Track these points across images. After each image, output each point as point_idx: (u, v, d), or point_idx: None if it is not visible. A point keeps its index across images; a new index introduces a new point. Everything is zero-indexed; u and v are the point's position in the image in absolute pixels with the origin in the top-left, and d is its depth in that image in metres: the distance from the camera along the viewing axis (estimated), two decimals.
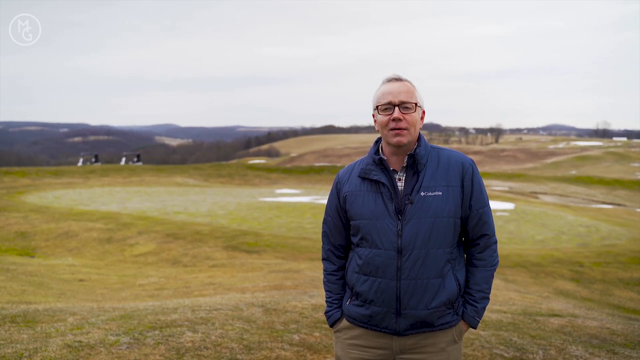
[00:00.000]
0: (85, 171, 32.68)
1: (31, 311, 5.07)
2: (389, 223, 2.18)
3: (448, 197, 2.18)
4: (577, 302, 9.40)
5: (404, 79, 2.26)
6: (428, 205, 2.16)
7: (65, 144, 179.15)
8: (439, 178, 2.21)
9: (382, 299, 2.20)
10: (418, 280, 2.16)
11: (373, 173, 2.25)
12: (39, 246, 14.86)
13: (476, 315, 2.27)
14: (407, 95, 2.21)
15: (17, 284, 9.22)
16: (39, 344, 3.73)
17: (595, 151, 76.03)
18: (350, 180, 2.33)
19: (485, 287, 2.27)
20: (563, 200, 29.45)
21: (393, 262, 2.17)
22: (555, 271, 12.37)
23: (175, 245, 13.93)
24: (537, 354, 3.89)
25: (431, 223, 2.15)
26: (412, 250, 2.16)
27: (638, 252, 14.46)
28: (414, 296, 2.17)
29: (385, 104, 2.21)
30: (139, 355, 3.58)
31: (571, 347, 4.14)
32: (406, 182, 2.22)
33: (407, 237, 2.16)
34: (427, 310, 2.17)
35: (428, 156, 2.25)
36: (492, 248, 2.30)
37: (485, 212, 2.27)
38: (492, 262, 2.29)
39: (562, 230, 17.50)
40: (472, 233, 2.28)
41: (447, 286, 2.19)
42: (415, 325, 2.20)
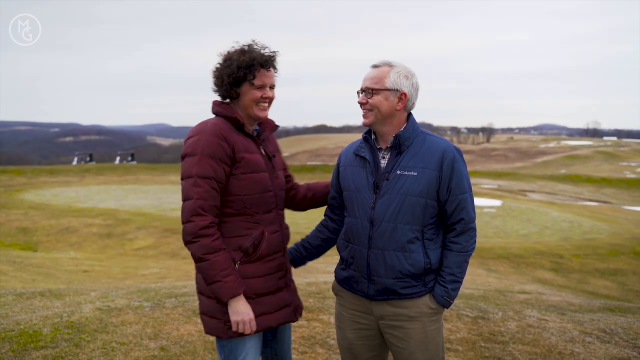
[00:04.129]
0: (80, 170, 33.04)
1: (54, 289, 5.66)
2: (366, 195, 2.39)
3: (422, 178, 2.31)
4: (553, 288, 10.06)
5: (383, 64, 2.41)
6: (401, 184, 2.32)
7: (56, 144, 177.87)
8: (417, 160, 2.35)
9: (356, 264, 2.43)
10: (384, 250, 2.34)
11: (362, 150, 2.46)
12: (40, 241, 15.34)
13: (446, 296, 2.37)
14: (371, 82, 2.38)
15: (26, 274, 9.77)
16: (73, 308, 4.36)
17: (585, 150, 76.75)
18: (347, 155, 2.57)
19: (457, 271, 2.37)
20: (550, 198, 30.12)
21: (366, 232, 2.38)
22: (535, 262, 13.04)
23: (174, 240, 14.49)
24: (497, 314, 4.55)
25: (401, 200, 2.32)
26: (382, 222, 2.34)
27: (617, 245, 15.13)
28: (381, 265, 2.35)
29: (359, 90, 2.43)
30: (161, 314, 4.24)
31: (527, 310, 4.81)
32: (389, 160, 2.40)
33: (379, 210, 2.35)
34: (391, 279, 2.34)
35: (414, 139, 2.40)
36: (469, 234, 2.39)
37: (464, 198, 2.36)
38: (466, 248, 2.38)
39: (546, 225, 18.14)
40: (451, 217, 2.37)
41: (412, 260, 2.33)
42: (382, 292, 2.37)
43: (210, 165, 2.25)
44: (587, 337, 4.12)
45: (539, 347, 3.89)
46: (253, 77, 2.36)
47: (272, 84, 2.43)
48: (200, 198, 2.24)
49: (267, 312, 2.40)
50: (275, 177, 2.47)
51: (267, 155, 2.49)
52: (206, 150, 2.26)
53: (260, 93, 2.39)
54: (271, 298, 2.42)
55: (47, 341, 3.65)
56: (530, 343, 3.96)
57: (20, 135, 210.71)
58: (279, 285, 2.46)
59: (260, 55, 2.38)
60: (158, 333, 3.88)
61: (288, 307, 2.48)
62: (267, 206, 2.41)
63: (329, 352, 3.75)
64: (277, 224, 2.46)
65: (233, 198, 2.33)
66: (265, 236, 2.39)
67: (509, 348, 3.87)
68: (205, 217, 2.23)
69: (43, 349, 3.53)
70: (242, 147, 2.35)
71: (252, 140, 2.44)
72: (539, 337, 4.07)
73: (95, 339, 3.73)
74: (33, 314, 4.23)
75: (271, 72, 2.42)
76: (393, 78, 2.37)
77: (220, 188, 2.29)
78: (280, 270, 2.47)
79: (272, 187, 2.44)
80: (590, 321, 4.55)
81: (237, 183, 2.32)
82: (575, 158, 69.13)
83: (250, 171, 2.35)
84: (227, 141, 2.29)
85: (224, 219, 2.34)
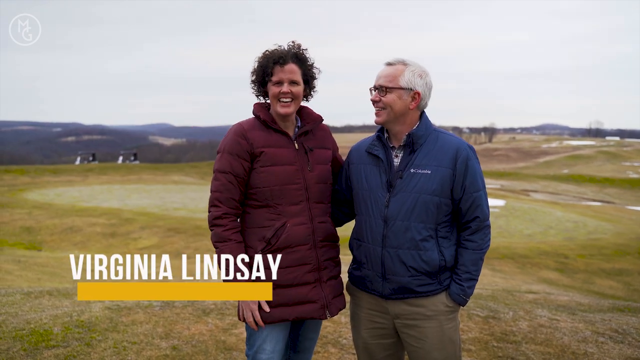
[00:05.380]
0: (83, 169, 33.08)
1: (62, 288, 5.64)
2: (379, 194, 2.38)
3: (436, 176, 2.30)
4: (559, 288, 10.04)
5: (396, 62, 2.39)
6: (415, 182, 2.31)
7: (58, 144, 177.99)
8: (431, 158, 2.33)
9: (370, 263, 2.41)
10: (399, 249, 2.33)
11: (375, 148, 2.44)
12: (44, 240, 15.35)
13: (462, 294, 2.36)
14: (385, 79, 2.36)
15: (31, 273, 9.76)
16: (82, 307, 4.35)
17: (587, 150, 76.67)
18: (359, 153, 2.53)
19: (473, 269, 2.36)
20: (553, 198, 30.10)
21: (379, 230, 2.36)
22: (540, 262, 13.02)
23: (177, 239, 14.49)
24: (508, 314, 4.53)
25: (415, 198, 2.30)
26: (396, 220, 2.33)
27: (622, 246, 15.11)
28: (395, 263, 2.34)
29: (372, 87, 2.42)
30: (171, 314, 4.22)
31: (538, 310, 4.79)
32: (402, 158, 2.38)
33: (393, 208, 2.34)
34: (406, 277, 2.33)
35: (427, 137, 2.38)
36: (483, 232, 2.37)
37: (479, 196, 2.34)
38: (482, 246, 2.37)
39: (550, 225, 18.13)
40: (465, 215, 2.36)
41: (427, 258, 2.31)
42: (398, 290, 2.36)
43: (228, 161, 2.40)
44: (599, 337, 4.09)
45: (552, 347, 3.87)
46: (270, 74, 2.42)
47: (291, 80, 2.42)
48: (217, 191, 2.42)
49: (285, 304, 2.39)
50: (309, 170, 2.47)
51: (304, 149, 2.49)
52: (227, 147, 2.43)
53: (278, 89, 2.42)
54: (291, 291, 2.40)
55: (58, 340, 3.64)
56: (542, 343, 3.94)
57: (22, 135, 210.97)
58: (306, 280, 2.43)
59: (277, 53, 2.42)
60: (169, 332, 3.87)
61: (313, 303, 2.44)
62: (292, 198, 2.42)
63: (341, 351, 3.73)
64: (305, 216, 2.44)
65: (255, 190, 2.42)
66: (287, 227, 2.40)
67: (522, 348, 3.84)
68: (220, 209, 2.40)
69: (54, 348, 3.52)
70: (264, 143, 2.42)
71: (285, 135, 2.47)
72: (551, 337, 4.04)
73: (107, 338, 3.72)
74: (42, 313, 4.22)
75: (290, 68, 2.42)
76: (407, 77, 2.35)
77: (239, 182, 2.41)
78: (307, 264, 2.43)
79: (301, 180, 2.44)
80: (601, 321, 4.53)
81: (257, 176, 2.41)
82: (578, 158, 69.04)
83: (270, 164, 2.40)
84: (246, 138, 2.41)
85: (249, 210, 2.46)
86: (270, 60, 2.41)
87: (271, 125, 2.45)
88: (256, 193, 2.42)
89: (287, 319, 2.40)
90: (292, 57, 2.44)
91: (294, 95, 2.43)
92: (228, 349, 3.67)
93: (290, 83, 2.42)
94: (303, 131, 2.52)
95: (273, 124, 2.46)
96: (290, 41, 2.48)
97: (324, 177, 2.53)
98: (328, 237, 2.52)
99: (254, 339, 2.43)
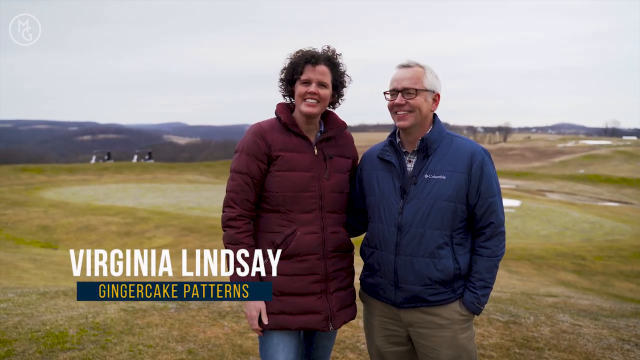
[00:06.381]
0: (98, 168, 33.33)
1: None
2: (393, 201, 2.32)
3: (451, 182, 2.25)
4: (577, 291, 9.88)
5: (414, 64, 2.33)
6: (430, 188, 2.26)
7: (74, 142, 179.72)
8: (445, 163, 2.28)
9: (382, 271, 2.36)
10: (413, 257, 2.27)
11: (387, 154, 2.39)
12: (60, 239, 15.46)
13: (476, 302, 2.30)
14: (410, 82, 2.29)
15: (47, 272, 9.83)
16: (97, 309, 4.33)
17: (604, 150, 75.77)
18: (370, 159, 2.48)
19: (487, 277, 2.30)
20: (570, 198, 29.77)
21: (393, 238, 2.31)
22: (557, 264, 12.84)
23: (192, 239, 14.52)
24: (529, 319, 4.44)
25: (430, 204, 2.25)
26: (410, 228, 2.27)
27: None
28: (409, 272, 2.28)
29: (391, 90, 2.33)
30: (186, 316, 4.18)
31: (559, 315, 4.69)
32: (415, 164, 2.33)
33: (407, 215, 2.28)
34: (420, 286, 2.27)
35: (441, 141, 2.33)
36: (498, 238, 2.31)
37: (494, 201, 2.29)
38: (496, 252, 2.30)
39: (566, 226, 17.91)
40: (480, 221, 2.30)
41: (442, 267, 2.25)
42: (410, 299, 2.30)
43: (245, 161, 2.35)
44: (625, 344, 3.98)
45: (576, 355, 3.77)
46: (300, 72, 2.37)
47: (320, 81, 2.36)
48: (233, 191, 2.37)
49: (288, 312, 2.34)
50: (326, 178, 2.40)
51: (324, 155, 2.42)
52: (245, 147, 2.37)
53: (305, 88, 2.36)
54: (296, 299, 2.35)
55: (73, 343, 3.61)
56: (566, 350, 3.84)
57: (39, 134, 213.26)
58: (312, 290, 2.37)
59: (310, 52, 2.38)
60: (185, 336, 3.83)
61: (317, 314, 2.37)
62: (305, 206, 2.36)
63: (360, 356, 3.67)
64: (316, 225, 2.38)
65: (268, 194, 2.38)
66: (297, 235, 2.34)
67: (545, 355, 3.75)
68: (234, 210, 2.36)
69: (70, 351, 3.49)
70: (282, 146, 2.36)
71: (305, 139, 2.41)
72: (574, 344, 3.95)
73: (122, 341, 3.69)
74: (58, 314, 4.21)
75: (321, 69, 2.37)
76: (430, 78, 2.34)
77: (254, 183, 2.36)
78: (314, 274, 2.37)
79: (316, 188, 2.37)
80: (626, 327, 4.42)
81: (271, 180, 2.36)
82: (594, 158, 68.26)
83: (286, 169, 2.35)
84: (264, 140, 2.36)
85: (261, 213, 2.42)
86: (302, 59, 2.36)
87: (291, 128, 2.39)
88: (269, 197, 2.37)
89: (289, 328, 2.35)
90: (325, 59, 2.39)
91: (320, 97, 2.36)
92: (245, 354, 3.62)
93: (318, 84, 2.36)
94: (325, 137, 2.45)
95: (294, 127, 2.39)
96: (325, 45, 2.42)
97: (340, 186, 2.46)
98: (339, 247, 2.45)
99: (265, 348, 2.39)
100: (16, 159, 71.70)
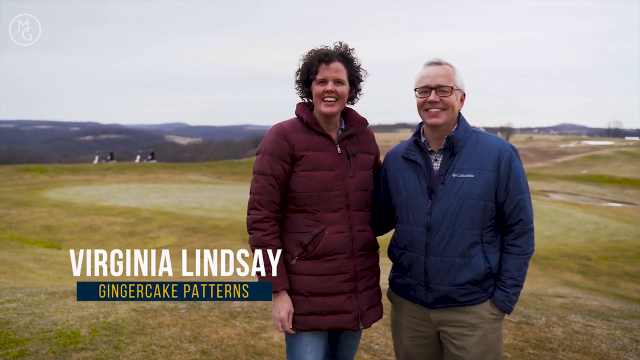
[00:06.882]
0: (101, 168, 33.36)
1: None
2: (421, 201, 2.30)
3: (480, 180, 2.23)
4: (583, 291, 9.86)
5: (444, 62, 2.32)
6: (458, 187, 2.24)
7: (76, 143, 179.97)
8: (473, 161, 2.26)
9: (412, 272, 2.34)
10: (444, 257, 2.25)
11: (412, 153, 2.36)
12: (64, 239, 15.46)
13: (507, 301, 2.28)
14: (444, 79, 2.28)
15: (52, 272, 9.82)
16: (108, 309, 4.31)
17: (606, 150, 75.69)
18: (395, 159, 2.46)
19: (517, 275, 2.28)
20: (573, 199, 29.74)
21: (422, 238, 2.28)
22: (562, 264, 12.82)
23: (196, 239, 14.50)
24: (540, 320, 4.42)
25: (460, 204, 2.23)
26: (440, 228, 2.25)
27: None
28: (439, 272, 2.26)
29: (423, 87, 2.30)
30: (197, 316, 4.17)
31: (571, 316, 4.67)
32: (442, 163, 2.31)
33: (436, 215, 2.25)
34: (450, 286, 2.25)
35: (467, 139, 2.31)
36: (528, 235, 2.29)
37: (522, 198, 2.26)
38: (526, 250, 2.29)
39: (570, 227, 17.90)
40: (509, 219, 2.28)
41: (472, 266, 2.24)
42: (441, 300, 2.29)
43: (268, 162, 2.32)
44: (639, 345, 3.96)
45: (590, 355, 3.76)
46: (315, 72, 2.35)
47: (336, 78, 2.35)
48: (257, 193, 2.35)
49: (318, 312, 2.33)
50: (350, 176, 2.38)
51: (347, 153, 2.40)
52: (268, 148, 2.34)
53: (322, 88, 2.34)
54: (326, 299, 2.33)
55: (86, 343, 3.60)
56: (580, 350, 3.83)
57: (40, 134, 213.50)
58: (341, 289, 2.35)
59: (322, 51, 2.36)
60: (197, 336, 3.82)
61: (347, 314, 2.36)
62: (331, 205, 2.34)
63: (374, 357, 3.65)
64: (344, 224, 2.36)
65: (294, 195, 2.35)
66: (325, 235, 2.32)
67: (559, 355, 3.74)
68: (260, 212, 2.33)
69: (83, 351, 3.48)
70: (305, 146, 2.34)
71: (327, 138, 2.39)
72: (588, 345, 3.93)
73: (134, 341, 3.68)
74: (69, 314, 4.19)
75: (335, 66, 2.35)
76: (459, 77, 2.33)
77: (279, 184, 2.33)
78: (343, 273, 2.36)
79: (341, 187, 2.35)
80: (638, 328, 4.40)
81: (296, 180, 2.34)
82: (597, 158, 68.19)
83: (310, 169, 2.33)
84: (287, 140, 2.33)
85: (287, 214, 2.39)
86: (316, 59, 2.35)
87: (314, 127, 2.37)
88: (295, 197, 2.35)
89: (319, 329, 2.34)
90: (338, 56, 2.37)
91: (338, 94, 2.34)
92: (258, 354, 3.60)
93: (335, 82, 2.34)
94: (347, 134, 2.43)
95: (316, 126, 2.38)
96: (337, 42, 2.40)
97: (365, 184, 2.44)
98: (367, 245, 2.43)
99: (294, 350, 2.37)
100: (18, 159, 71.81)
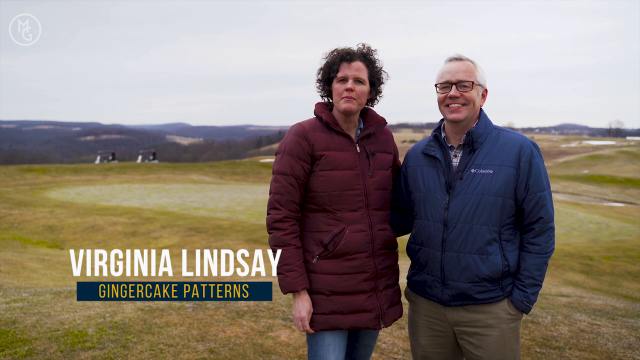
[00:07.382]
0: (103, 169, 33.36)
1: None
2: (438, 196, 2.29)
3: (499, 176, 2.20)
4: (586, 291, 9.86)
5: (465, 58, 2.31)
6: (476, 182, 2.22)
7: (77, 143, 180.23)
8: (492, 157, 2.24)
9: (429, 268, 2.33)
10: (460, 253, 2.23)
11: (431, 149, 2.36)
12: (67, 239, 15.47)
13: (525, 300, 2.25)
14: (465, 74, 2.26)
15: (56, 272, 9.83)
16: (114, 308, 4.32)
17: (607, 150, 75.67)
18: (415, 155, 2.46)
19: (537, 274, 2.25)
20: (575, 199, 29.73)
21: (439, 234, 2.27)
22: (565, 264, 12.81)
23: (198, 239, 14.50)
24: (546, 319, 4.43)
25: (477, 199, 2.20)
26: (456, 223, 2.23)
27: None
28: (456, 269, 2.24)
29: (444, 83, 2.29)
30: (204, 316, 4.18)
31: (576, 315, 4.68)
32: (461, 158, 2.29)
33: (453, 210, 2.24)
34: (467, 283, 2.23)
35: (487, 135, 2.29)
36: (548, 234, 2.26)
37: (543, 195, 2.23)
38: (546, 249, 2.25)
39: (572, 227, 17.88)
40: (529, 217, 2.25)
41: (490, 264, 2.21)
42: (457, 297, 2.27)
43: (288, 162, 2.33)
44: None
45: (597, 354, 3.76)
46: (336, 70, 2.37)
47: (356, 77, 2.36)
48: (277, 193, 2.36)
49: (339, 312, 2.33)
50: (370, 176, 2.39)
51: (366, 153, 2.41)
52: (287, 148, 2.36)
53: (343, 86, 2.36)
54: (347, 298, 2.34)
55: (93, 342, 3.61)
56: (587, 349, 3.83)
57: (42, 135, 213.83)
58: (362, 288, 2.37)
59: (345, 50, 2.38)
60: (204, 335, 3.82)
61: (368, 313, 2.37)
62: (351, 205, 2.35)
63: (382, 356, 3.66)
64: (364, 223, 2.37)
65: (314, 194, 2.36)
66: (346, 234, 2.33)
67: (566, 354, 3.74)
68: (280, 212, 2.35)
69: (91, 350, 3.49)
70: (325, 145, 2.35)
71: (347, 137, 2.40)
72: (594, 343, 3.93)
73: (142, 340, 3.68)
74: (75, 314, 4.20)
75: (356, 65, 2.37)
76: (480, 73, 2.32)
77: (299, 184, 2.35)
78: (364, 272, 2.37)
79: (361, 186, 2.36)
80: None
81: (316, 180, 2.35)
82: (598, 158, 68.14)
83: (330, 168, 2.34)
84: (307, 139, 2.35)
85: (307, 213, 2.40)
86: (338, 57, 2.37)
87: (333, 127, 2.38)
88: (314, 197, 2.36)
89: (340, 328, 2.34)
90: (360, 55, 2.39)
91: (357, 93, 2.35)
92: (266, 353, 3.61)
93: (355, 81, 2.36)
94: (365, 134, 2.45)
95: (335, 125, 2.39)
96: (359, 42, 2.42)
97: (384, 183, 2.45)
98: (387, 244, 2.44)
99: (316, 349, 2.38)
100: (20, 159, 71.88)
